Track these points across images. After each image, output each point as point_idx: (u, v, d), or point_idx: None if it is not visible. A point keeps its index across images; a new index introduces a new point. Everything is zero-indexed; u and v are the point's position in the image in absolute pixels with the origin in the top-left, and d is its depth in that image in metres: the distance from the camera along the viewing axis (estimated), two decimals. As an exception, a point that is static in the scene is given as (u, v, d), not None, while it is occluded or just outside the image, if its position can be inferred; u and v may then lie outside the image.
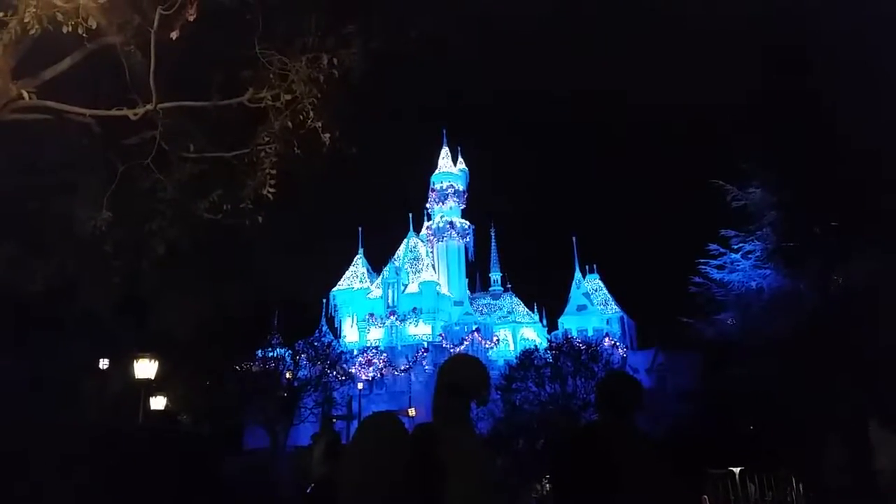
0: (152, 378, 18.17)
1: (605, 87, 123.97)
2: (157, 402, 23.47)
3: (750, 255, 19.46)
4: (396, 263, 66.42)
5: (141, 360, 17.74)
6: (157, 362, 17.99)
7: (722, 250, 19.85)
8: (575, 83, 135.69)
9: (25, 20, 6.17)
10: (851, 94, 18.05)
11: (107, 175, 8.65)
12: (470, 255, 71.77)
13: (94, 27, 6.53)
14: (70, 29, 6.37)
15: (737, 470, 16.23)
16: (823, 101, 18.25)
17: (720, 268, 19.83)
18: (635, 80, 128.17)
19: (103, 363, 26.12)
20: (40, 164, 9.34)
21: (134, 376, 17.87)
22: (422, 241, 69.36)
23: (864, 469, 11.46)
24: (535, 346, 45.60)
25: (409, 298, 63.67)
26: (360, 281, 67.92)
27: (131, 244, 9.41)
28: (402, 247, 68.49)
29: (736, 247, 19.63)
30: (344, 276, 68.87)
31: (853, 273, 17.34)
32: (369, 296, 65.69)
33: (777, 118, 18.97)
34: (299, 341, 46.53)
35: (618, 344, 61.55)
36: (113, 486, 9.27)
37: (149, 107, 7.59)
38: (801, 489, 15.42)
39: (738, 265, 19.59)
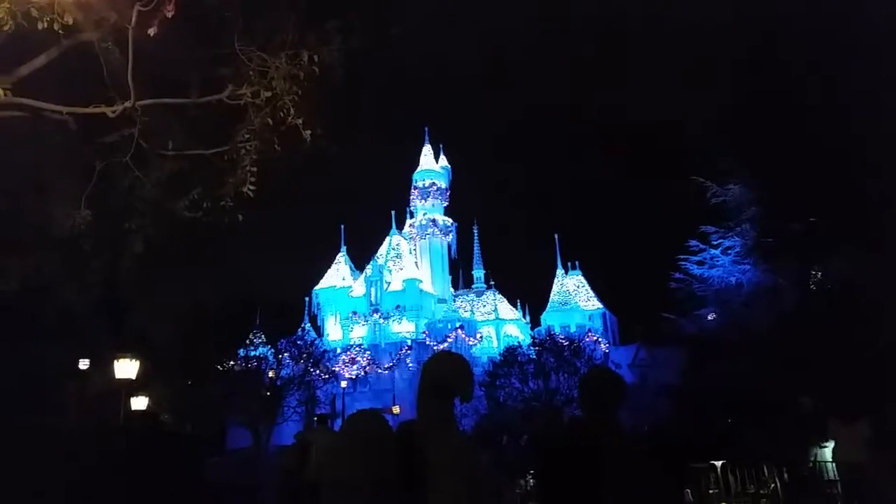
0: (133, 378, 17.96)
1: (586, 87, 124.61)
2: (139, 403, 23.30)
3: (729, 251, 19.68)
4: (379, 261, 66.18)
5: (121, 360, 17.52)
6: (138, 362, 17.79)
7: (702, 246, 20.07)
8: (557, 84, 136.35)
9: (-1, 15, 6.06)
10: (828, 93, 18.28)
11: (84, 173, 8.54)
12: (453, 252, 71.81)
13: (70, 23, 6.43)
14: (45, 25, 6.26)
15: (718, 464, 16.36)
16: (801, 100, 18.48)
17: (700, 263, 20.05)
18: (617, 81, 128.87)
19: (83, 364, 25.82)
20: (16, 163, 9.19)
21: (114, 377, 17.67)
22: (405, 238, 69.16)
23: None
24: (519, 342, 45.68)
25: (392, 296, 63.53)
26: (343, 279, 67.61)
27: (110, 243, 9.31)
28: (385, 244, 68.27)
29: (715, 243, 19.85)
30: (326, 274, 68.54)
31: (831, 268, 17.58)
32: (352, 293, 65.40)
33: (755, 117, 19.20)
34: (282, 340, 46.36)
35: (600, 340, 61.80)
36: (92, 488, 9.17)
37: (127, 104, 7.49)
38: (783, 481, 15.57)
39: (717, 261, 19.81)
